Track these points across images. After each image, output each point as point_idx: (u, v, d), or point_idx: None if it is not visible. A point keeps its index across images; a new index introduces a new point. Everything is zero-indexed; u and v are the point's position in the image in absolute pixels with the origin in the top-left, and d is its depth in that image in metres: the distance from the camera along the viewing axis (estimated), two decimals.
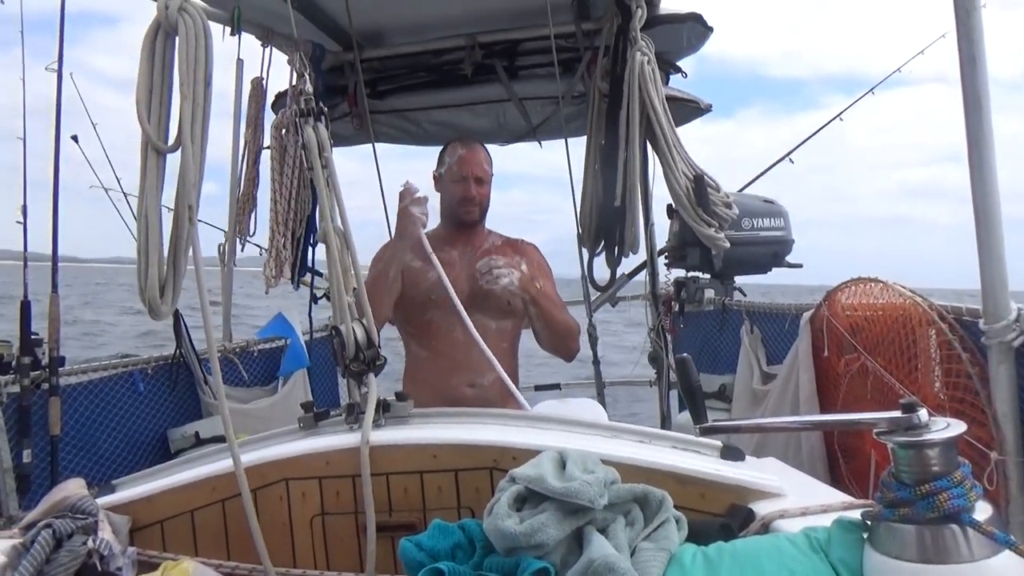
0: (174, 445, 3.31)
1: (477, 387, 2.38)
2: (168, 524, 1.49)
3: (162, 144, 1.52)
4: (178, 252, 1.54)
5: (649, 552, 1.08)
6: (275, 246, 3.00)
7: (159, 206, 1.55)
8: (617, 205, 2.89)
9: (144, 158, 1.52)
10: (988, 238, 1.79)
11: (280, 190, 2.99)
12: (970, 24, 1.75)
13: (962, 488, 0.92)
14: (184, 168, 1.49)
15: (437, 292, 2.37)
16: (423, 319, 2.42)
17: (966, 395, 1.93)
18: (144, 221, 1.52)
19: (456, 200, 2.46)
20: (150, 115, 1.53)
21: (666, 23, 3.15)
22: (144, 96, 1.53)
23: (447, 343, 2.40)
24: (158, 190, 1.53)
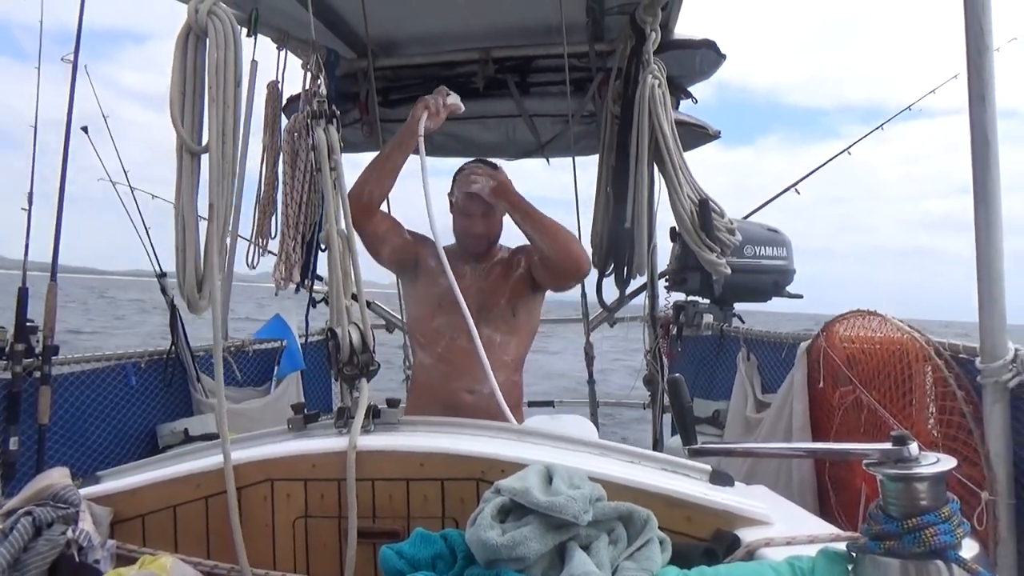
0: (163, 441, 3.30)
1: (476, 394, 2.38)
2: (150, 518, 1.48)
3: (196, 145, 1.54)
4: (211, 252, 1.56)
5: (630, 572, 1.07)
6: (285, 249, 3.01)
7: (195, 206, 1.56)
8: (627, 227, 2.90)
9: (179, 160, 1.55)
10: (989, 279, 1.79)
11: (292, 193, 3.00)
12: (981, 64, 1.76)
13: (950, 524, 0.92)
14: (212, 168, 1.51)
15: (447, 299, 2.38)
16: (431, 326, 2.45)
17: (959, 433, 1.92)
18: (181, 221, 1.55)
19: (462, 233, 2.49)
20: (183, 118, 1.55)
21: (679, 48, 3.17)
22: (177, 98, 1.55)
23: (451, 350, 2.42)
24: (194, 191, 1.55)
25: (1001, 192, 1.78)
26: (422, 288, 2.46)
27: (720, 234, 2.85)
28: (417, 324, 2.50)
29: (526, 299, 2.50)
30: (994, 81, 1.72)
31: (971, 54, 1.74)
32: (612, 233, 3.00)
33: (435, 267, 2.42)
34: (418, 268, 2.48)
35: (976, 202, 1.78)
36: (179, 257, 1.55)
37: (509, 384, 2.44)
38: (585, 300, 3.78)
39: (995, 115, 1.75)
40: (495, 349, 2.41)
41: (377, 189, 2.35)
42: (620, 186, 2.93)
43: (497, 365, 2.41)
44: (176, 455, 1.61)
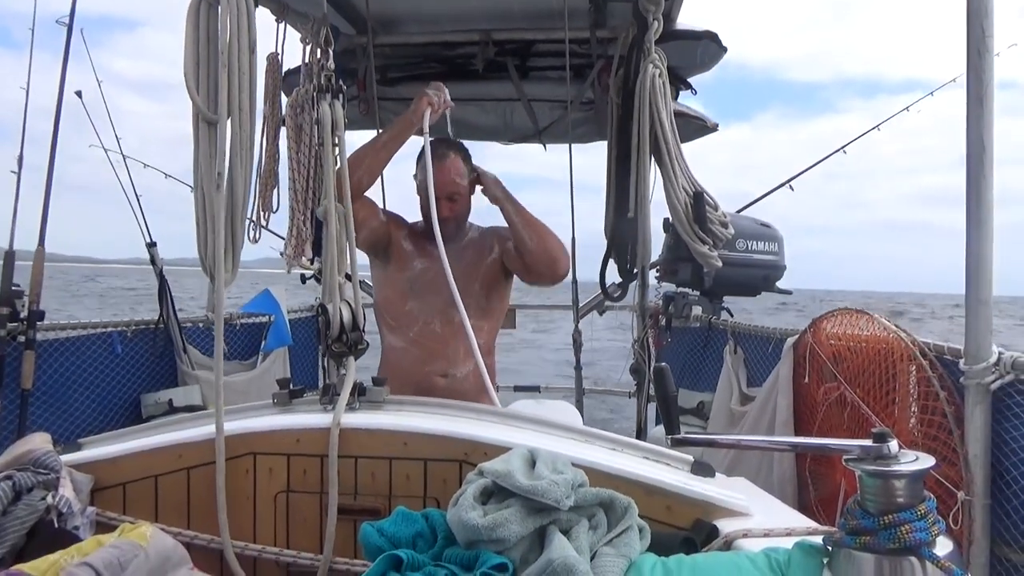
0: (146, 411, 3.29)
1: (450, 377, 2.38)
2: (131, 487, 1.47)
3: (212, 114, 1.52)
4: (235, 221, 1.55)
5: (609, 557, 1.08)
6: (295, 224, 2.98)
7: (214, 176, 1.54)
8: (630, 216, 2.89)
9: (196, 129, 1.54)
10: (977, 283, 1.81)
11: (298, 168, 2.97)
12: (981, 67, 1.76)
13: (925, 522, 0.93)
14: (221, 136, 1.50)
15: (419, 282, 2.40)
16: (403, 309, 2.42)
17: (940, 433, 1.94)
18: (200, 192, 1.53)
19: (425, 215, 2.44)
20: (199, 86, 1.53)
21: (681, 39, 3.16)
22: (192, 67, 1.53)
23: (424, 334, 2.40)
24: (212, 160, 1.53)
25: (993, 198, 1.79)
26: (394, 271, 2.43)
27: (713, 227, 2.85)
28: (388, 307, 2.46)
29: (499, 283, 2.50)
30: (993, 84, 1.72)
31: (971, 56, 1.74)
32: (615, 222, 2.99)
33: (409, 249, 2.42)
34: (390, 250, 2.45)
35: (969, 210, 1.79)
36: (200, 229, 1.54)
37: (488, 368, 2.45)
38: (576, 287, 3.78)
39: (992, 119, 1.76)
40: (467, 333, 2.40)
41: (367, 175, 2.33)
42: (622, 176, 2.93)
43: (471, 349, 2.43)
44: (159, 425, 1.61)
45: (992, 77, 1.73)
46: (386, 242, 2.45)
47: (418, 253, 2.45)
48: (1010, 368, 1.81)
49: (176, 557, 1.21)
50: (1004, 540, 1.88)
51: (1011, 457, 1.85)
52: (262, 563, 1.43)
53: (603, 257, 3.08)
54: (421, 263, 2.43)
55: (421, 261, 2.44)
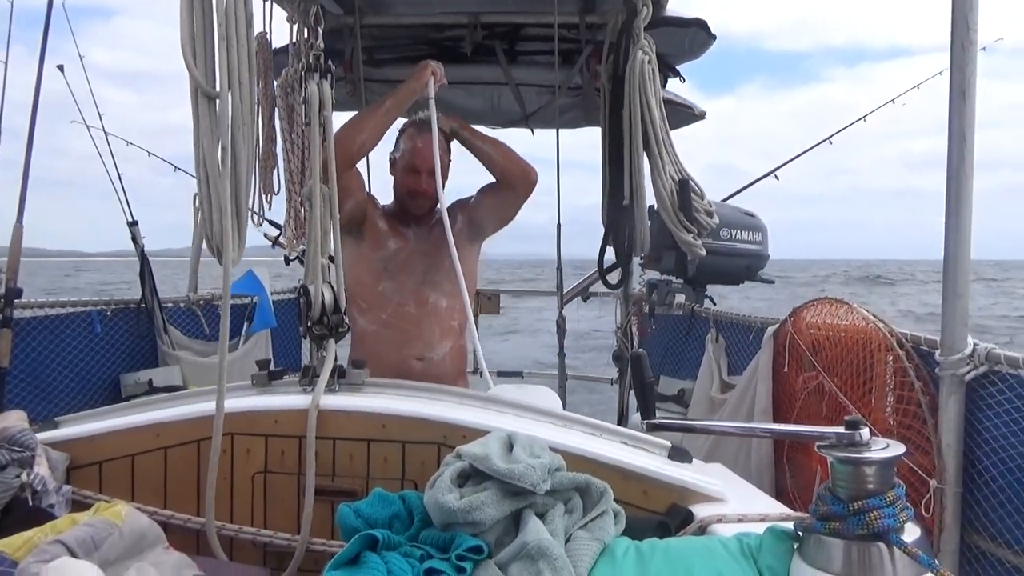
0: (126, 390, 3.28)
1: (426, 361, 2.37)
2: (107, 466, 1.47)
3: (211, 89, 1.49)
4: (240, 197, 1.52)
5: (583, 541, 1.09)
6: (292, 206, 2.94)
7: (216, 153, 1.51)
8: (625, 204, 2.89)
9: (195, 105, 1.49)
10: (955, 276, 1.83)
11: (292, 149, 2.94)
12: (964, 60, 1.77)
13: (894, 508, 0.94)
14: (222, 111, 1.47)
15: (393, 263, 2.38)
16: (376, 290, 2.39)
17: (914, 422, 1.97)
18: (203, 169, 1.49)
19: (406, 192, 2.44)
20: (196, 59, 1.49)
21: (670, 25, 3.14)
22: (188, 40, 1.49)
23: (399, 316, 2.38)
24: (213, 136, 1.50)
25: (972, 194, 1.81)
26: (368, 250, 2.40)
27: (699, 215, 2.85)
28: (359, 287, 2.40)
29: (467, 257, 2.48)
30: (975, 77, 1.74)
31: (955, 49, 1.75)
32: (611, 211, 2.99)
33: (384, 229, 2.40)
34: (364, 227, 2.41)
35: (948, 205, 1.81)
36: (204, 207, 1.51)
37: (457, 350, 2.45)
38: (560, 274, 3.79)
39: (974, 111, 1.77)
40: (442, 314, 2.39)
41: (371, 139, 2.31)
42: (615, 163, 2.92)
43: (446, 331, 2.42)
44: (137, 404, 1.60)
45: (975, 71, 1.74)
46: (362, 218, 2.42)
47: (392, 233, 2.43)
48: (984, 360, 1.83)
49: (151, 536, 1.21)
50: (974, 528, 1.92)
51: (983, 447, 1.88)
52: (239, 543, 1.43)
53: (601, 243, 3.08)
54: (395, 243, 2.42)
55: (395, 241, 2.42)
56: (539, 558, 1.01)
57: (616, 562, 1.06)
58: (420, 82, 2.33)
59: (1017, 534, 1.82)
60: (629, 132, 2.78)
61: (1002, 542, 1.85)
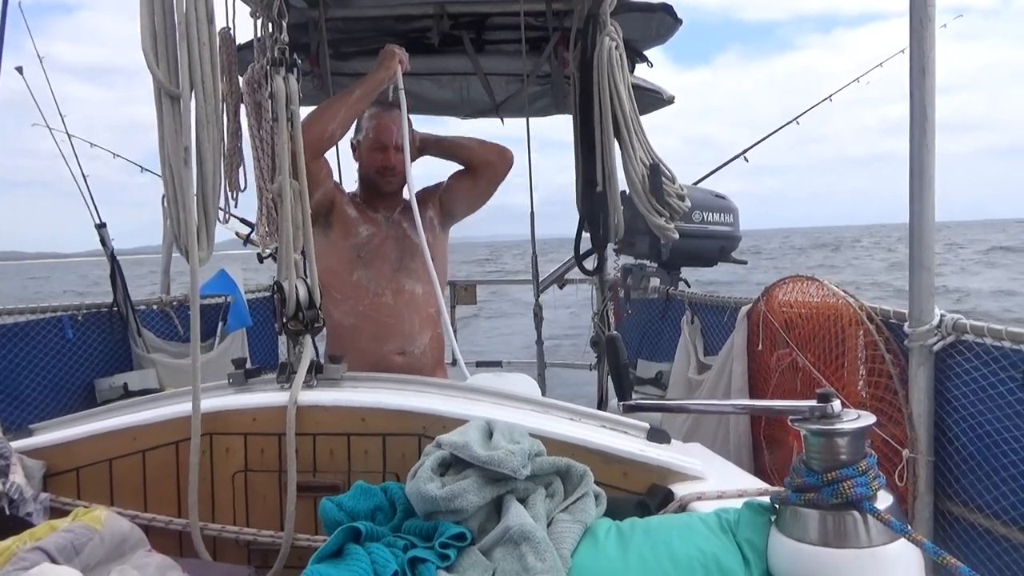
0: (101, 395, 3.24)
1: (407, 355, 2.33)
2: (85, 471, 1.46)
3: (174, 88, 1.48)
4: (207, 196, 1.51)
5: (565, 523, 1.10)
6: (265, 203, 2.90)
7: (181, 152, 1.50)
8: (599, 191, 2.90)
9: (159, 105, 1.49)
10: (920, 249, 1.86)
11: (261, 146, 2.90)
12: (923, 36, 1.80)
13: (866, 477, 0.96)
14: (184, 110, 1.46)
15: (366, 250, 2.33)
16: (350, 280, 2.33)
17: (886, 394, 2.01)
18: (168, 169, 1.49)
19: (375, 169, 2.40)
20: (158, 60, 1.48)
21: (636, 11, 3.15)
22: (149, 42, 1.48)
23: (375, 307, 2.32)
24: (179, 136, 1.49)
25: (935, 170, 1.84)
26: (338, 238, 2.34)
27: (670, 199, 2.87)
28: (332, 278, 2.31)
29: (438, 243, 2.47)
30: (935, 53, 1.76)
31: (914, 25, 1.77)
32: (584, 197, 3.00)
33: (353, 215, 2.35)
34: (332, 216, 2.35)
35: (912, 181, 1.84)
36: (171, 208, 1.50)
37: (436, 339, 2.42)
38: (535, 261, 3.79)
39: (934, 88, 1.80)
40: (419, 303, 2.35)
41: (341, 128, 2.26)
42: (587, 150, 2.93)
43: (425, 321, 2.38)
44: (112, 408, 1.59)
45: (934, 47, 1.77)
46: (330, 207, 2.36)
47: (362, 220, 2.38)
48: (951, 330, 1.88)
49: (133, 539, 1.21)
50: (947, 495, 1.97)
51: (953, 415, 1.92)
52: (222, 542, 1.43)
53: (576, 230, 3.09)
54: (366, 229, 2.36)
55: (366, 227, 2.37)
56: (522, 542, 1.02)
57: (598, 543, 1.08)
58: (389, 71, 2.31)
59: (988, 498, 1.86)
60: (599, 119, 2.79)
61: (974, 507, 1.90)
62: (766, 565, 1.02)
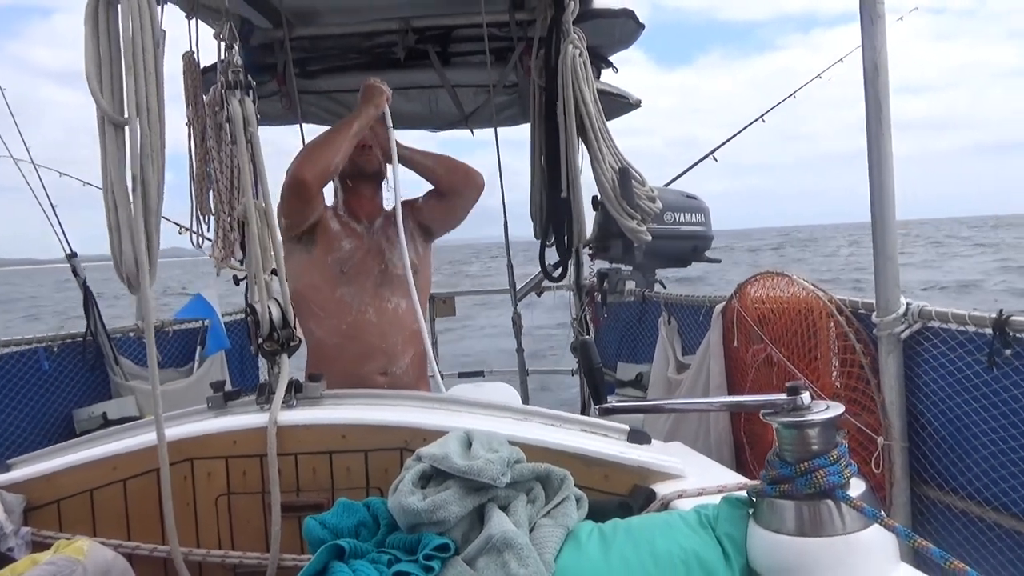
0: (80, 426, 3.20)
1: (390, 375, 2.29)
2: (65, 503, 1.44)
3: (119, 116, 1.48)
4: (150, 225, 1.50)
5: (547, 528, 1.11)
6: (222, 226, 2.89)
7: (124, 180, 1.49)
8: (563, 196, 2.92)
9: (102, 133, 1.48)
10: (883, 239, 1.91)
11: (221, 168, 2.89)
12: (874, 33, 1.84)
13: (838, 466, 0.99)
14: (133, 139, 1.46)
15: (349, 264, 2.30)
16: (333, 296, 2.30)
17: (859, 384, 2.05)
18: (111, 197, 1.48)
19: (357, 172, 2.40)
20: (103, 88, 1.48)
21: (599, 17, 3.19)
22: (94, 69, 1.48)
23: (358, 326, 2.29)
24: (121, 165, 1.49)
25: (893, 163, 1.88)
26: (321, 253, 2.30)
27: (641, 202, 2.91)
28: (314, 294, 2.29)
29: (422, 255, 2.46)
30: (886, 49, 1.81)
31: (864, 24, 1.82)
32: (550, 203, 3.02)
33: (336, 229, 2.33)
34: (316, 231, 2.32)
35: (871, 173, 1.89)
36: (113, 236, 1.49)
37: (419, 356, 2.38)
38: (511, 271, 3.81)
39: (888, 82, 1.85)
40: (402, 319, 2.32)
41: (343, 161, 2.27)
42: (551, 156, 2.95)
43: (408, 339, 2.34)
44: (91, 439, 1.58)
45: (885, 43, 1.81)
46: (313, 225, 2.33)
47: (345, 233, 2.35)
48: (917, 317, 1.92)
49: (117, 569, 1.20)
50: (923, 479, 2.01)
51: (924, 401, 1.96)
52: (208, 567, 1.43)
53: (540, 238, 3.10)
54: (349, 242, 2.34)
55: (349, 241, 2.34)
56: (505, 549, 1.04)
57: (581, 545, 1.09)
58: (380, 108, 2.34)
59: (962, 480, 1.91)
60: (564, 125, 2.82)
61: (949, 490, 1.94)
62: (746, 558, 1.04)
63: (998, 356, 1.76)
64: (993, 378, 1.80)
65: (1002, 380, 1.79)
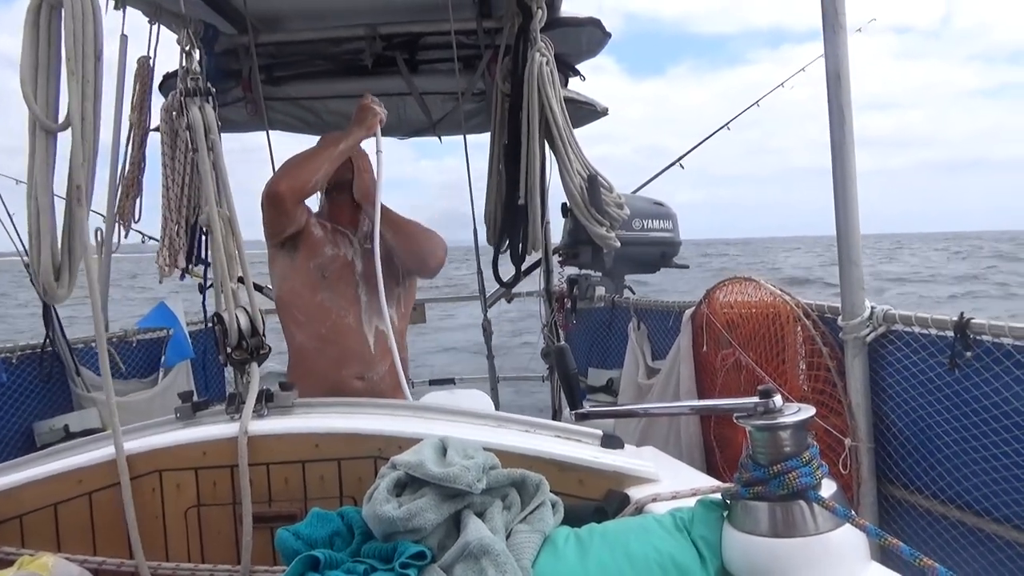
0: (40, 439, 3.11)
1: (367, 380, 2.30)
2: (28, 519, 1.40)
3: (51, 123, 1.45)
4: (73, 234, 1.48)
5: (524, 534, 1.11)
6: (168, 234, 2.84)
7: (50, 187, 1.47)
8: (520, 204, 2.93)
9: (32, 138, 1.46)
10: (848, 245, 1.95)
11: (172, 175, 2.85)
12: (836, 43, 1.89)
13: (810, 467, 1.00)
14: (75, 147, 1.43)
15: (330, 270, 2.31)
16: (314, 301, 2.30)
17: (826, 386, 2.09)
18: (35, 203, 1.46)
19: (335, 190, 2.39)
20: (37, 94, 1.45)
21: (566, 26, 3.22)
22: (29, 74, 1.45)
23: (338, 330, 2.30)
24: (49, 171, 1.46)
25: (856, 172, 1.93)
26: (303, 259, 2.31)
27: (609, 208, 2.93)
28: (295, 299, 2.31)
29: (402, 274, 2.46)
30: (848, 59, 1.85)
31: (827, 34, 1.86)
32: (506, 210, 3.03)
33: (319, 236, 2.33)
34: (299, 238, 2.32)
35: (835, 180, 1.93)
36: (33, 242, 1.46)
37: (401, 361, 2.36)
38: (481, 276, 3.81)
39: (850, 91, 1.89)
40: (383, 323, 2.29)
41: (323, 180, 2.27)
42: (512, 163, 2.96)
43: (386, 345, 2.32)
44: (54, 452, 1.54)
45: (847, 53, 1.86)
46: (298, 231, 2.32)
47: (327, 239, 2.35)
48: (882, 320, 1.96)
49: None
50: (888, 479, 2.05)
51: (888, 402, 2.01)
52: None
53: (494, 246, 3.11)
54: (331, 249, 2.34)
55: (331, 247, 2.34)
56: (481, 556, 1.03)
57: (558, 551, 1.09)
58: (371, 131, 2.33)
59: (926, 479, 1.95)
60: (527, 132, 2.83)
61: (914, 489, 1.98)
62: (721, 560, 1.05)
63: (959, 358, 1.81)
64: (955, 379, 1.84)
65: (963, 381, 1.84)
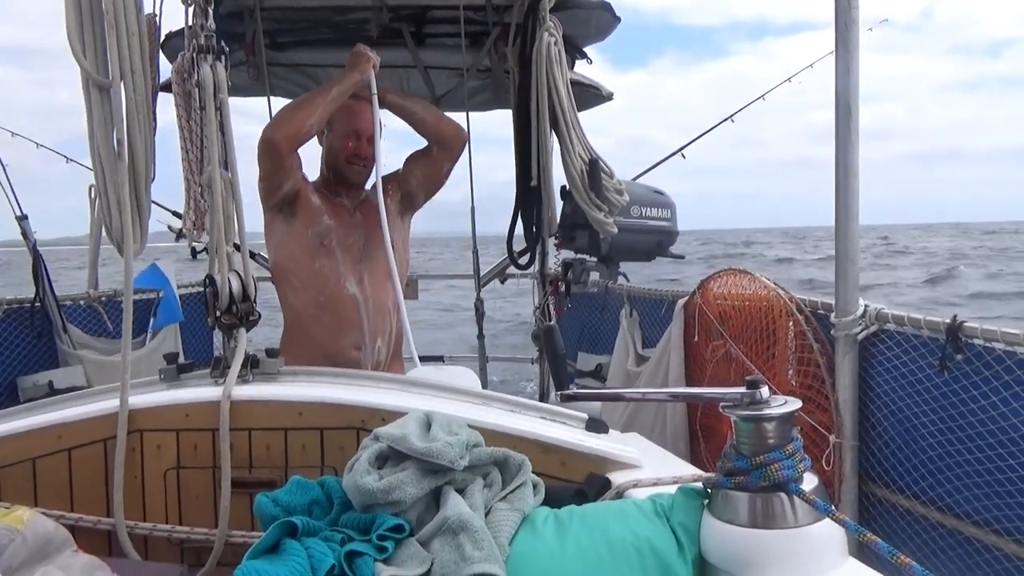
0: (24, 394, 3.11)
1: (364, 350, 2.29)
2: (5, 472, 1.39)
3: (103, 78, 1.43)
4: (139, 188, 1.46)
5: (503, 512, 1.11)
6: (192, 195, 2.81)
7: (112, 143, 1.45)
8: (533, 185, 2.91)
9: (87, 96, 1.45)
10: (846, 242, 1.94)
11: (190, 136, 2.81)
12: (848, 37, 1.87)
13: (793, 460, 1.00)
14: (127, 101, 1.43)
15: (329, 238, 2.29)
16: (312, 268, 2.29)
17: (814, 382, 2.09)
18: (99, 160, 1.45)
19: (344, 157, 2.36)
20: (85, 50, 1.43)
21: (576, 7, 3.18)
22: (76, 31, 1.43)
23: (336, 299, 2.28)
24: (108, 127, 1.44)
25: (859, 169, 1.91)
26: (301, 226, 2.30)
27: (609, 194, 2.92)
28: (294, 265, 2.30)
29: (400, 231, 2.46)
30: (859, 54, 1.84)
31: (839, 27, 1.84)
32: (519, 191, 3.01)
33: (317, 204, 2.32)
34: (296, 204, 2.30)
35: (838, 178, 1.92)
36: (103, 200, 1.45)
37: (396, 334, 2.40)
38: (476, 257, 3.80)
39: (859, 87, 1.87)
40: (380, 295, 2.32)
41: (317, 125, 2.24)
42: (524, 144, 2.94)
43: (385, 314, 2.35)
44: (35, 406, 1.53)
45: (858, 48, 1.84)
46: (295, 196, 2.30)
47: (326, 208, 2.33)
48: (874, 319, 1.96)
49: (58, 540, 1.17)
50: (871, 477, 2.06)
51: (875, 401, 2.01)
52: (154, 541, 1.39)
53: (510, 223, 3.09)
54: (330, 218, 2.33)
55: (330, 216, 2.33)
56: (460, 531, 1.03)
57: (536, 530, 1.09)
58: (364, 74, 2.31)
59: (908, 480, 1.96)
60: (537, 114, 2.81)
61: (895, 489, 1.99)
62: (699, 548, 1.05)
63: (950, 361, 1.81)
64: (944, 382, 1.85)
65: (952, 384, 1.84)
